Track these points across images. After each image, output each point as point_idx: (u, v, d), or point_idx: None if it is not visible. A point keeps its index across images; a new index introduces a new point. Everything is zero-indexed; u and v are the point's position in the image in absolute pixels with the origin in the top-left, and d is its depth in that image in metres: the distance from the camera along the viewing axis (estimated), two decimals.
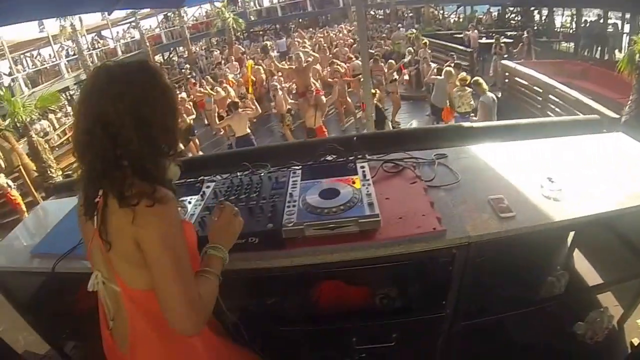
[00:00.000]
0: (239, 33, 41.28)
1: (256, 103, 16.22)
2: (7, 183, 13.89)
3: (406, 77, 21.09)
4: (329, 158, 3.67)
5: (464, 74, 14.41)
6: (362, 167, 3.40)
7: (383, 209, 2.90)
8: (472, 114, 13.14)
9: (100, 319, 2.45)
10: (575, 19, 29.48)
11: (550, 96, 12.95)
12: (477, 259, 2.88)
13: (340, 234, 2.84)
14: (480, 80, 12.55)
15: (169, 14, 42.70)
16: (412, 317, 3.28)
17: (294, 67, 17.51)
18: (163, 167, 2.17)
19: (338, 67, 19.16)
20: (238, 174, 3.67)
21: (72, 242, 3.26)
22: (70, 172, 16.62)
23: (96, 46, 38.81)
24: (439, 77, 15.54)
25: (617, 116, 5.61)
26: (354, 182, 3.17)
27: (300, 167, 3.58)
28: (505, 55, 21.10)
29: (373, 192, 3.05)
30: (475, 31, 27.10)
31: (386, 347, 3.32)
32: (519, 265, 3.40)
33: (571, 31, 29.89)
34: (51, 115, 24.71)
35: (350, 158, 3.59)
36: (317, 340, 3.41)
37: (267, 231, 2.81)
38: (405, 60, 22.12)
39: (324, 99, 14.26)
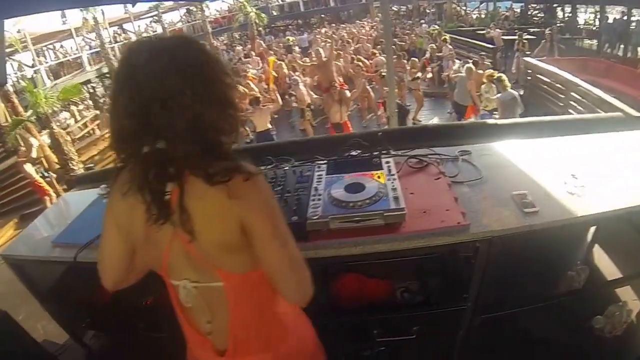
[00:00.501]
0: (260, 28, 40.97)
1: (278, 95, 16.09)
2: (35, 170, 14.07)
3: (429, 74, 20.89)
4: (353, 153, 3.68)
5: (490, 70, 14.22)
6: (387, 162, 3.43)
7: (407, 203, 2.94)
8: (496, 112, 13.03)
9: (186, 332, 2.30)
10: (598, 16, 29.14)
11: (573, 94, 12.83)
12: (500, 253, 2.92)
13: (364, 227, 2.88)
14: (503, 77, 12.47)
15: (191, 8, 42.66)
16: (434, 310, 3.32)
17: (315, 62, 17.50)
18: (230, 144, 1.97)
19: (359, 62, 19.11)
20: (262, 167, 3.69)
21: (94, 233, 3.27)
22: (92, 165, 16.54)
23: (118, 39, 38.82)
24: (460, 74, 15.44)
25: None
26: (379, 177, 3.20)
27: (325, 161, 3.62)
28: (528, 52, 20.95)
29: (398, 186, 3.08)
30: (497, 30, 26.53)
31: (407, 340, 3.35)
32: (540, 260, 3.42)
33: (594, 28, 29.53)
34: (73, 107, 24.76)
35: (375, 153, 3.62)
36: (338, 333, 3.42)
37: (291, 223, 2.77)
38: (427, 56, 22.02)
39: (348, 93, 14.14)
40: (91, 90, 31.05)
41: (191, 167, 1.82)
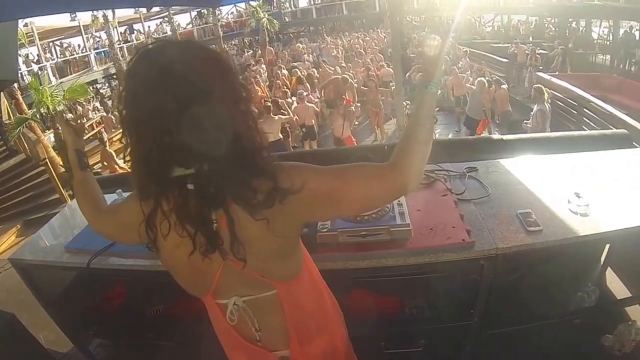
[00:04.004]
0: (272, 34, 40.50)
1: (289, 108, 15.47)
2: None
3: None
4: None
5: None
6: None
7: (414, 219, 3.04)
8: (527, 122, 12.75)
9: (230, 346, 2.28)
10: (612, 31, 28.97)
11: (585, 110, 12.85)
12: (505, 270, 3.02)
13: (372, 241, 2.97)
14: (543, 89, 12.28)
15: (202, 11, 42.43)
16: (441, 324, 3.38)
17: (332, 75, 17.39)
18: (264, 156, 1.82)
19: (373, 74, 19.05)
20: None
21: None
22: (99, 170, 15.93)
23: (128, 39, 38.70)
24: (472, 87, 15.35)
25: None
26: None
27: None
28: (541, 67, 20.93)
29: (404, 202, 3.18)
30: (522, 45, 24.93)
31: (414, 352, 3.42)
32: (549, 280, 3.48)
33: (608, 43, 29.25)
34: (79, 108, 24.57)
35: None
36: None
37: (301, 235, 2.60)
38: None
39: (353, 109, 14.23)
40: (97, 92, 31.05)
41: (233, 194, 1.71)
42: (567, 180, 3.56)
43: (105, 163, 14.68)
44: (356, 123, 15.26)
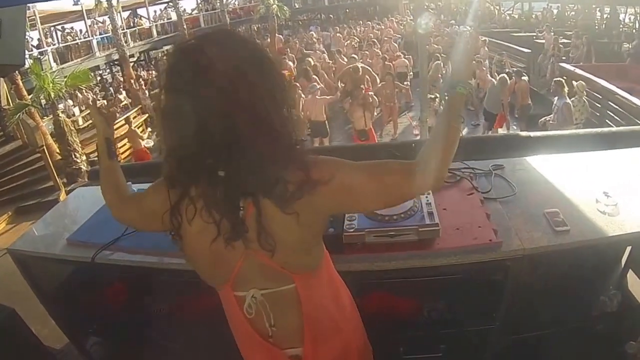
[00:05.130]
0: (281, 22, 40.16)
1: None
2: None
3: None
4: None
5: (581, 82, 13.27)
6: None
7: (440, 219, 3.06)
8: (548, 119, 12.63)
9: (245, 341, 2.34)
10: (638, 18, 28.57)
11: (610, 103, 12.84)
12: (530, 272, 3.04)
13: (398, 242, 3.01)
14: (562, 81, 12.29)
15: None
16: (461, 329, 3.42)
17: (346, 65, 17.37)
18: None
19: (390, 64, 19.04)
20: None
21: (114, 233, 3.42)
22: (96, 159, 15.73)
23: (132, 24, 38.62)
24: (493, 82, 15.39)
25: None
26: None
27: None
28: (564, 57, 20.74)
29: (432, 201, 3.21)
30: (552, 33, 24.82)
31: (433, 358, 3.49)
32: (572, 283, 3.50)
33: (634, 31, 28.40)
34: (79, 95, 24.62)
35: None
36: None
37: (327, 235, 2.88)
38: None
39: (371, 100, 14.07)
40: (100, 78, 30.98)
41: (265, 185, 1.79)
42: (595, 178, 3.58)
43: (127, 138, 15.38)
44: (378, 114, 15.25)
